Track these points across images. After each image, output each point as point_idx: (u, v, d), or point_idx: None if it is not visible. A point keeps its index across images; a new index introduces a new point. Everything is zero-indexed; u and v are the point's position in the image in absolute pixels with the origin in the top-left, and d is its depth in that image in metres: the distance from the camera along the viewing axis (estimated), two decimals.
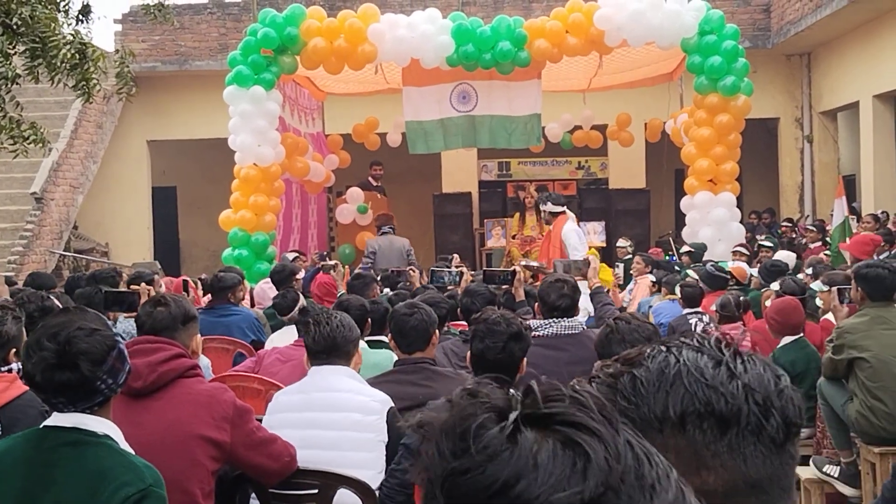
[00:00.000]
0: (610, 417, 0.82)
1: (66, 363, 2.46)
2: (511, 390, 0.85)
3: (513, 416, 0.80)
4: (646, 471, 0.80)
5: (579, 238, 10.16)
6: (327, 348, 3.85)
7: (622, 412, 1.06)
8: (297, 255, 12.22)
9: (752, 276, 9.08)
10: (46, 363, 2.49)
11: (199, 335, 3.60)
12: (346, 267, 10.13)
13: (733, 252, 10.78)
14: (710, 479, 1.07)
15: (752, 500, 1.08)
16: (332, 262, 9.75)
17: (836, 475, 5.43)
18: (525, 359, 3.72)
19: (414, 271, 9.37)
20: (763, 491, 1.09)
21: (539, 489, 0.75)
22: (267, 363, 5.47)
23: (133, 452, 2.56)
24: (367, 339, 5.48)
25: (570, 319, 4.88)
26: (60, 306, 5.74)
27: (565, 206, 10.70)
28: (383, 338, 5.46)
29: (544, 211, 10.71)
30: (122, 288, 7.58)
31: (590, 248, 10.59)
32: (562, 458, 0.77)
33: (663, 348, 1.15)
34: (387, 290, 8.42)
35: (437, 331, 4.42)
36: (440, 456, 0.80)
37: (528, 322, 4.16)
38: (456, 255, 10.26)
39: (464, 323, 5.92)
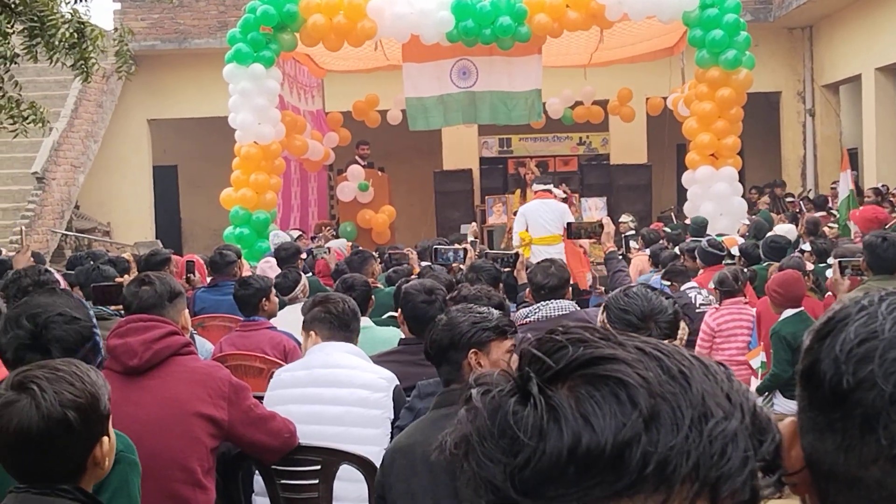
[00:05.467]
0: (608, 336, 0.82)
1: (38, 346, 2.44)
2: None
3: (534, 387, 0.78)
4: (668, 362, 0.79)
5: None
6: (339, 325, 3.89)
7: None
8: (300, 233, 12.24)
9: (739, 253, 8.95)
10: (20, 342, 2.47)
11: (186, 311, 3.57)
12: (349, 244, 10.21)
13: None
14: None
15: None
16: (326, 247, 9.83)
17: None
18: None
19: (412, 253, 9.26)
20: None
21: (603, 437, 0.74)
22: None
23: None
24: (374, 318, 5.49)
25: (558, 301, 4.91)
26: (60, 280, 5.72)
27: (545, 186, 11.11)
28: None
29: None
30: (130, 277, 7.38)
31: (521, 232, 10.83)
32: (602, 398, 0.76)
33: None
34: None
35: None
36: (494, 462, 0.77)
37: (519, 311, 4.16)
38: (472, 225, 10.71)
39: None
